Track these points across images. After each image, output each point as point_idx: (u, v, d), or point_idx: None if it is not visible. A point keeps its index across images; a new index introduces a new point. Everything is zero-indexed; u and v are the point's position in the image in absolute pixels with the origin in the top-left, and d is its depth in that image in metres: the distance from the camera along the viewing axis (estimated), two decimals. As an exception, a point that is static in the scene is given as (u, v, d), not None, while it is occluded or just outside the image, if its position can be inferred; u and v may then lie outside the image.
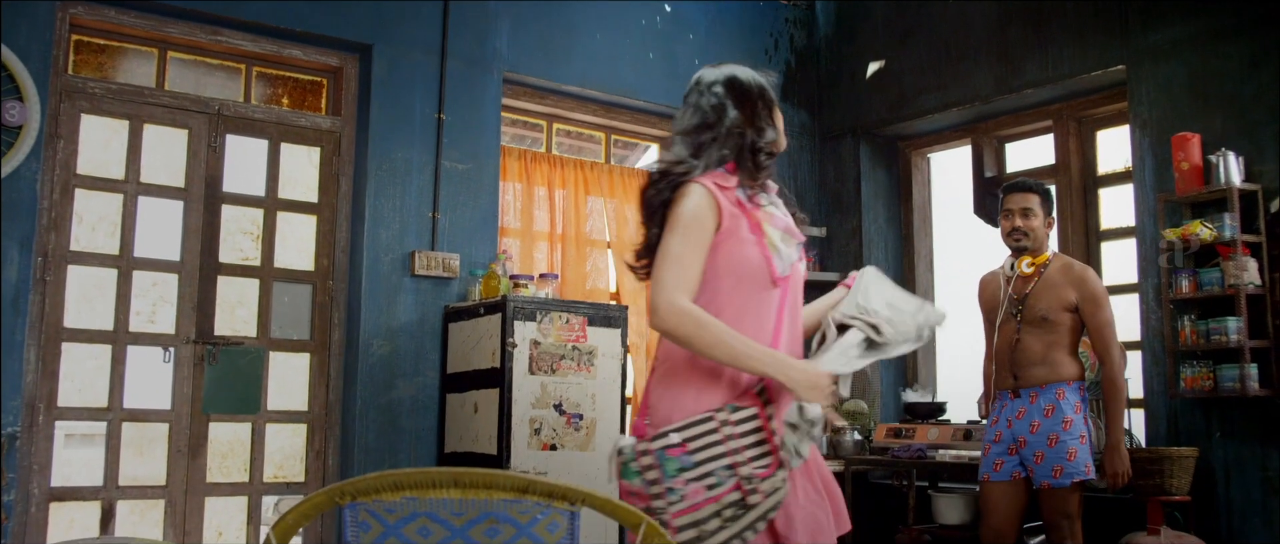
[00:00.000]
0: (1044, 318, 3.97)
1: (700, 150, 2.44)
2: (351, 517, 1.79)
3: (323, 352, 4.92)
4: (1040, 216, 4.04)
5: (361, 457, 4.75)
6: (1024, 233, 4.03)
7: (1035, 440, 3.88)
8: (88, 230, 4.62)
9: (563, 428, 4.60)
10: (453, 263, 5.02)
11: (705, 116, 2.46)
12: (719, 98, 2.47)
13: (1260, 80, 4.62)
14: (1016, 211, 4.05)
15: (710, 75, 2.52)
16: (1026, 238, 4.03)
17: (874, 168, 6.33)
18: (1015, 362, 4.01)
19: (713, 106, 2.47)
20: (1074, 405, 3.93)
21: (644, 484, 2.30)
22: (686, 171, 2.40)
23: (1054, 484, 3.84)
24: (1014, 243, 4.06)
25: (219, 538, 4.96)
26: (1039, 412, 3.91)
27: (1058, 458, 3.84)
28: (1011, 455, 3.94)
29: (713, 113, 2.46)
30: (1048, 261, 4.07)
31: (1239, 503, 4.54)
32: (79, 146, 4.47)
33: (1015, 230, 4.04)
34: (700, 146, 2.44)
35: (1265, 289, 4.48)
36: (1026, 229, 4.02)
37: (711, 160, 2.42)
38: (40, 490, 4.25)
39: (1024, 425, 3.92)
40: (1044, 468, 3.86)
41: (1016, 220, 4.04)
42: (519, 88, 5.54)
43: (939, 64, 5.90)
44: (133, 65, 4.79)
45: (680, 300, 2.31)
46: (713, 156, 2.43)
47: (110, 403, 4.47)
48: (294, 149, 5.01)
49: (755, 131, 2.47)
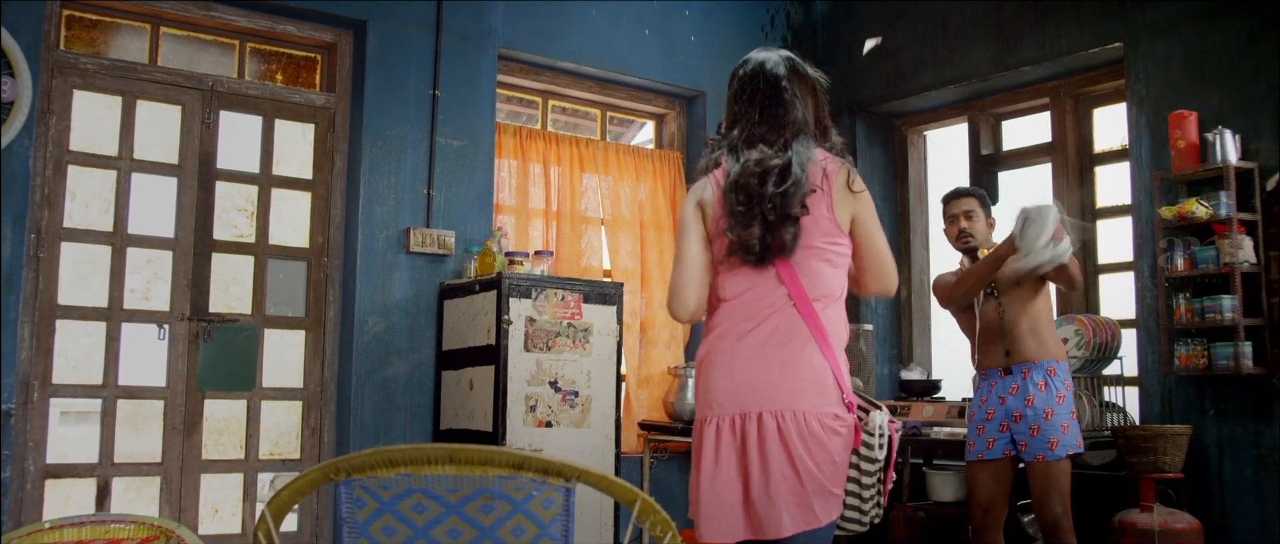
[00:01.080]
0: (1016, 282, 4.01)
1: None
2: (346, 493, 1.79)
3: (318, 329, 4.92)
4: (981, 218, 4.19)
5: (357, 434, 4.75)
6: (970, 234, 4.18)
7: (1032, 414, 3.91)
8: (81, 207, 4.60)
9: (558, 405, 4.61)
10: (448, 240, 5.01)
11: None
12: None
13: (1258, 58, 4.60)
14: (960, 215, 4.21)
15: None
16: (973, 238, 4.19)
17: (870, 145, 6.32)
18: (1006, 337, 4.03)
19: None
20: (1065, 382, 3.98)
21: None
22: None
23: (1049, 457, 3.87)
24: (963, 245, 4.23)
25: (215, 515, 4.97)
26: (1033, 386, 3.94)
27: (1053, 430, 3.89)
28: (1003, 433, 3.98)
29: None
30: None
31: (1231, 480, 4.56)
32: (72, 123, 4.44)
33: (961, 233, 4.20)
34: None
35: (1260, 267, 4.48)
36: (971, 230, 4.18)
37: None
38: (35, 468, 4.25)
39: (1018, 400, 3.95)
40: (1039, 441, 3.88)
41: (961, 224, 4.20)
42: (514, 64, 5.52)
43: (935, 41, 5.88)
44: (125, 41, 4.76)
45: None
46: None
47: (105, 380, 4.46)
48: (288, 125, 4.98)
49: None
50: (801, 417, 2.39)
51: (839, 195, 2.48)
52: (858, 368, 5.70)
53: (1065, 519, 3.89)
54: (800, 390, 2.41)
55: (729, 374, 2.48)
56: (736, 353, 2.48)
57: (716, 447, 2.46)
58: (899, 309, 6.21)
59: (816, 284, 2.48)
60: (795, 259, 2.47)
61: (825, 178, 2.48)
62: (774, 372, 2.43)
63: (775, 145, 2.50)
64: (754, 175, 2.47)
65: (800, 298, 2.46)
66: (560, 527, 1.80)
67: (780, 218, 2.44)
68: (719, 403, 2.48)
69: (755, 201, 2.46)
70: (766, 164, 2.47)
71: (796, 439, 2.39)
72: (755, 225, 2.46)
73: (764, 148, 2.50)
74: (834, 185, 2.48)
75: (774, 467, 2.39)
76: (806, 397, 2.41)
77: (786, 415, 2.40)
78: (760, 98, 2.55)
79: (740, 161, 2.51)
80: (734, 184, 2.50)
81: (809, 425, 2.39)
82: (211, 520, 4.89)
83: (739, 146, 2.54)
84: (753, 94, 2.56)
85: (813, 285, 2.47)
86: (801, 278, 2.47)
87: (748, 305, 2.50)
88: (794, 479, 2.39)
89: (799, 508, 2.38)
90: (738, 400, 2.45)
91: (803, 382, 2.42)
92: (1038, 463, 3.90)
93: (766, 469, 2.40)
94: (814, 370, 2.43)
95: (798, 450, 2.39)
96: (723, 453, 2.46)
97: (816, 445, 2.40)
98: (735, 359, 2.48)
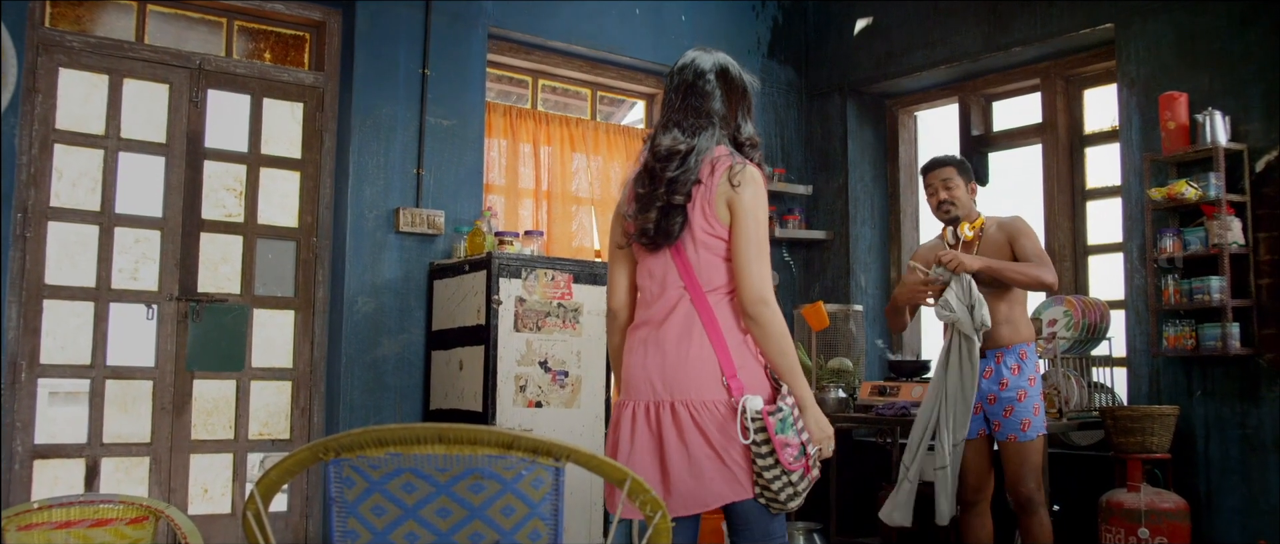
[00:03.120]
0: (997, 280, 4.03)
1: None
2: (335, 473, 1.79)
3: (307, 309, 4.90)
4: (961, 185, 4.15)
5: (347, 414, 4.74)
6: (951, 203, 4.15)
7: (1006, 396, 3.97)
8: (68, 186, 4.57)
9: (548, 385, 4.61)
10: (437, 220, 5.00)
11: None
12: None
13: (1248, 39, 4.60)
14: (939, 186, 4.18)
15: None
16: (954, 207, 4.15)
17: (861, 126, 6.31)
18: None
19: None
20: (1036, 365, 4.07)
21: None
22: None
23: (1022, 438, 3.94)
24: (944, 215, 4.19)
25: (204, 495, 4.96)
26: (1007, 369, 4.01)
27: (1026, 412, 3.97)
28: (977, 414, 4.03)
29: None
30: (983, 225, 4.18)
31: (1218, 460, 4.59)
32: (58, 101, 4.41)
33: (942, 204, 4.17)
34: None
35: (1248, 249, 4.49)
36: (952, 199, 4.14)
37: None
38: (24, 448, 4.24)
39: (992, 383, 4.01)
40: (1012, 422, 3.96)
41: (941, 194, 4.17)
42: (504, 43, 5.49)
43: (927, 21, 5.87)
44: (111, 19, 4.72)
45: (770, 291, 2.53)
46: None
47: (93, 360, 4.45)
48: (277, 104, 4.95)
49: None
50: (712, 406, 2.51)
51: (721, 187, 2.55)
52: (847, 349, 5.71)
53: (1038, 495, 3.98)
54: (701, 381, 2.53)
55: (643, 365, 2.59)
56: (648, 343, 2.60)
57: (632, 431, 2.58)
58: (888, 289, 6.22)
59: (710, 277, 2.57)
60: (687, 250, 2.57)
61: (713, 170, 2.57)
62: (679, 363, 2.55)
63: (686, 131, 2.60)
64: (660, 158, 2.58)
65: (695, 290, 2.57)
66: (550, 506, 1.80)
67: (668, 204, 2.55)
68: (637, 389, 2.60)
69: (657, 186, 2.58)
70: (673, 148, 2.58)
71: (712, 425, 2.50)
72: (653, 210, 2.58)
73: (676, 133, 2.60)
74: (718, 178, 2.55)
75: (695, 449, 2.50)
76: (706, 387, 2.52)
77: (696, 404, 2.52)
78: (684, 88, 2.66)
79: (652, 147, 2.63)
80: (642, 168, 2.63)
81: (718, 412, 2.50)
82: (201, 500, 4.89)
83: (656, 132, 2.65)
84: (678, 84, 2.68)
85: (706, 278, 2.57)
86: (696, 271, 2.57)
87: (656, 299, 2.62)
88: (716, 460, 2.50)
89: (725, 483, 2.50)
90: (653, 389, 2.56)
91: (702, 372, 2.53)
92: (1011, 443, 3.97)
93: (688, 452, 2.51)
94: (707, 361, 2.53)
95: (713, 435, 2.50)
96: (639, 437, 2.56)
97: (723, 431, 2.50)
98: (648, 350, 2.59)
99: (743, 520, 2.55)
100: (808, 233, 6.20)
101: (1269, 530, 4.39)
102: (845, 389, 5.31)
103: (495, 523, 1.78)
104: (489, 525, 1.78)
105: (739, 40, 6.17)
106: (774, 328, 2.51)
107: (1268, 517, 4.42)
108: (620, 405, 2.65)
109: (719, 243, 2.56)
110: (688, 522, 2.60)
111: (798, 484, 2.52)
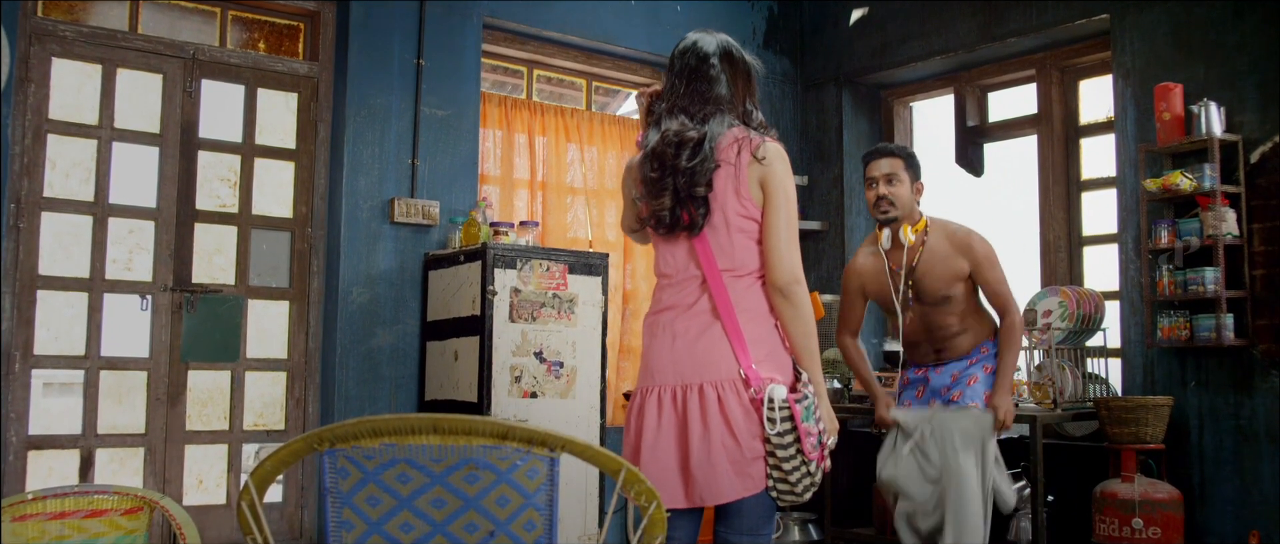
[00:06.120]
0: (946, 297, 3.80)
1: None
2: (330, 463, 1.79)
3: (302, 299, 4.90)
4: (907, 182, 3.75)
5: (342, 405, 4.74)
6: (891, 201, 3.73)
7: (955, 385, 3.84)
8: (61, 176, 4.56)
9: (543, 376, 4.61)
10: (432, 210, 4.99)
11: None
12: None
13: (1243, 30, 4.60)
14: (880, 179, 3.75)
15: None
16: (894, 207, 3.74)
17: (856, 116, 6.31)
18: (935, 339, 3.91)
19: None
20: (992, 355, 3.89)
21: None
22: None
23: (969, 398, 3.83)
24: (881, 214, 3.76)
25: (199, 486, 4.96)
26: (962, 365, 3.91)
27: (975, 397, 3.80)
28: (919, 398, 3.92)
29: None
30: (926, 228, 3.81)
31: (1211, 451, 4.60)
32: (51, 91, 4.39)
33: (881, 199, 3.74)
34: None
35: (1243, 240, 4.50)
36: (892, 197, 3.73)
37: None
38: (18, 439, 4.23)
39: (943, 377, 3.90)
40: (960, 403, 3.82)
41: (881, 188, 3.74)
42: (499, 33, 5.47)
43: (922, 12, 5.86)
44: (105, 8, 4.70)
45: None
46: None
47: (87, 351, 4.44)
48: (271, 95, 4.94)
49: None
50: (738, 389, 2.49)
51: (751, 167, 2.53)
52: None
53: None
54: (724, 366, 2.51)
55: (670, 349, 2.56)
56: (674, 327, 2.57)
57: (658, 416, 2.55)
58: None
59: (743, 260, 2.55)
60: (710, 234, 2.55)
61: (739, 151, 2.54)
62: (707, 349, 2.52)
63: (695, 118, 2.57)
64: (670, 145, 2.55)
65: (715, 277, 2.54)
66: (545, 496, 1.80)
67: (688, 195, 2.52)
68: (662, 373, 2.57)
69: (668, 173, 2.55)
70: (683, 135, 2.55)
71: (737, 412, 2.48)
72: (666, 197, 2.55)
73: (684, 119, 2.57)
74: (745, 158, 2.53)
75: (715, 437, 2.48)
76: (730, 372, 2.50)
77: (724, 385, 2.49)
78: (688, 72, 2.62)
79: (660, 131, 2.59)
80: (650, 153, 2.59)
81: (743, 399, 2.48)
82: (196, 491, 4.89)
83: (662, 117, 2.62)
84: (681, 68, 2.64)
85: (728, 260, 2.54)
86: (716, 254, 2.54)
87: (677, 285, 2.60)
88: (735, 448, 2.47)
89: (738, 475, 2.48)
90: (679, 372, 2.54)
91: (725, 359, 2.51)
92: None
93: (708, 441, 2.48)
94: (725, 347, 2.51)
95: (738, 424, 2.48)
96: (665, 422, 2.54)
97: (748, 419, 2.48)
98: (675, 335, 2.57)
99: (740, 512, 2.52)
100: (803, 223, 6.21)
101: (1262, 521, 4.41)
102: (840, 381, 5.32)
103: (490, 513, 1.78)
104: (484, 516, 1.78)
105: (734, 31, 6.11)
106: (806, 308, 2.51)
107: (1261, 507, 4.43)
108: (644, 391, 2.61)
109: (753, 225, 2.54)
110: (692, 513, 2.57)
111: (815, 475, 2.50)
